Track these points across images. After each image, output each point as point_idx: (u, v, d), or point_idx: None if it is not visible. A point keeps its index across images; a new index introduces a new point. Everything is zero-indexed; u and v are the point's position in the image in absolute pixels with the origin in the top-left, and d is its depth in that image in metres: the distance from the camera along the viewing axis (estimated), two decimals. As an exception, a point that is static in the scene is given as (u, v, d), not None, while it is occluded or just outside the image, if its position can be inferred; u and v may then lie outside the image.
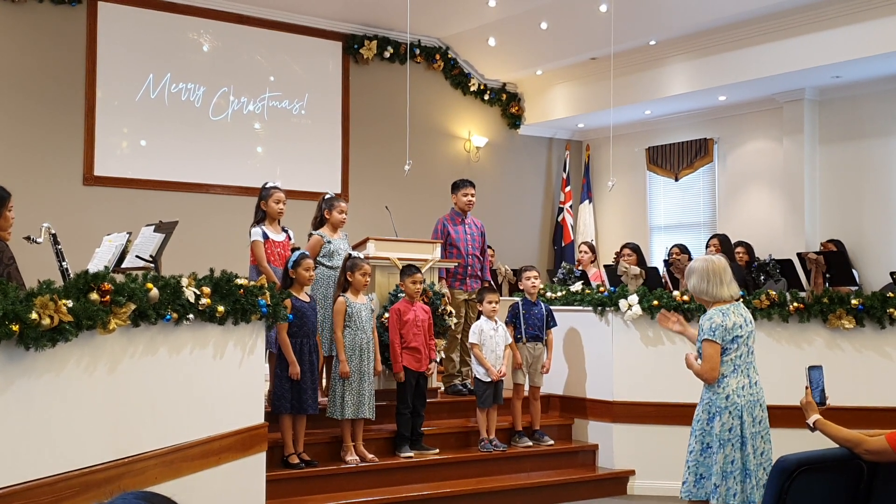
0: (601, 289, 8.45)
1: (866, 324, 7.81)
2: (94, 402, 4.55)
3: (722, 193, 13.08)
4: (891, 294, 7.82)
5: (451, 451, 7.77)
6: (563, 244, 14.37)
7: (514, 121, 14.32)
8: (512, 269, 11.49)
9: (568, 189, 14.57)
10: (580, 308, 8.44)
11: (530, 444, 8.05)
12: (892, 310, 7.69)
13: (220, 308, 5.43)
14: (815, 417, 4.38)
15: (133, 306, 4.65)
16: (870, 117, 11.44)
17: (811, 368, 4.58)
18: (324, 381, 7.71)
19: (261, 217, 7.64)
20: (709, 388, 5.30)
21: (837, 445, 4.17)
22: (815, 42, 10.56)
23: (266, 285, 6.06)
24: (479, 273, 8.92)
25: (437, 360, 8.14)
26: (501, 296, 9.16)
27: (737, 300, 5.44)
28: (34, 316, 4.00)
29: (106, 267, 5.80)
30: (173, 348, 5.17)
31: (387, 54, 12.90)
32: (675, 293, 8.05)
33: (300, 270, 6.93)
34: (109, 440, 4.66)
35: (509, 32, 12.57)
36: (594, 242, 13.86)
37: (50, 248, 6.26)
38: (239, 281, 5.67)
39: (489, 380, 7.71)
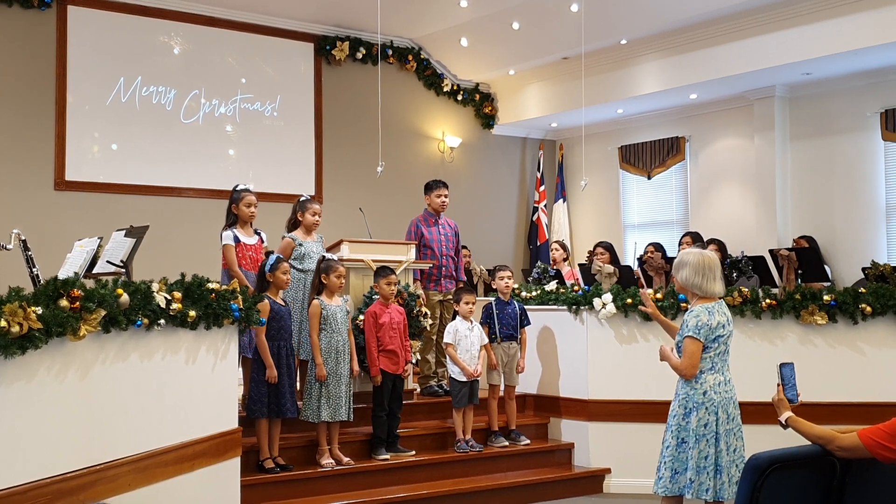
0: (575, 288, 8.46)
1: (839, 319, 7.84)
2: (65, 409, 4.51)
3: (694, 191, 13.14)
4: (863, 289, 7.86)
5: (427, 452, 7.76)
6: (538, 243, 14.39)
7: (488, 121, 14.33)
8: (487, 269, 11.50)
9: (542, 188, 14.60)
10: (555, 307, 8.46)
11: (506, 444, 8.05)
12: (864, 305, 7.72)
13: (192, 313, 5.40)
14: (787, 415, 4.39)
15: (103, 312, 4.63)
16: (840, 114, 11.53)
17: (783, 365, 4.59)
18: (297, 385, 7.67)
19: (232, 220, 7.59)
20: (686, 383, 5.32)
21: (810, 442, 4.19)
22: (784, 39, 10.63)
23: (238, 289, 6.03)
24: (453, 273, 8.91)
25: (413, 361, 8.13)
26: (477, 296, 9.16)
27: (722, 298, 5.47)
28: (3, 323, 3.97)
29: (76, 273, 5.75)
30: (145, 354, 5.14)
31: (359, 55, 12.88)
32: (649, 291, 8.07)
33: (278, 274, 6.92)
34: (81, 447, 4.63)
35: (481, 33, 12.57)
36: (568, 241, 13.90)
37: (20, 254, 6.22)
38: (211, 285, 5.63)
39: (464, 379, 7.71)
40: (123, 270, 6.10)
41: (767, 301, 7.87)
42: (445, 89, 13.89)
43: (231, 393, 6.15)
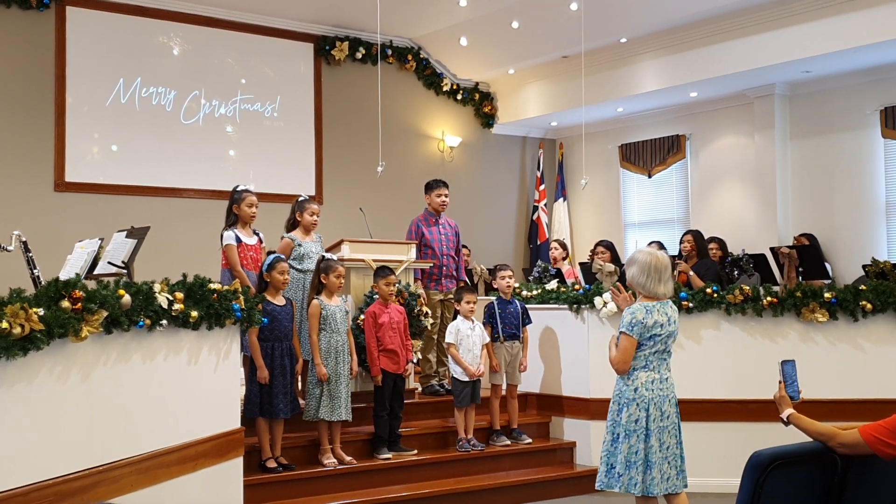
0: (576, 286, 8.46)
1: (839, 317, 7.85)
2: (67, 410, 4.52)
3: (695, 189, 13.14)
4: (863, 287, 7.87)
5: (429, 451, 7.76)
6: (538, 242, 14.39)
7: (488, 120, 14.34)
8: (487, 269, 11.50)
9: (542, 187, 14.60)
10: (556, 306, 8.46)
11: (508, 442, 8.05)
12: (864, 302, 7.74)
13: (194, 313, 5.41)
14: (788, 412, 4.39)
15: (105, 313, 4.63)
16: (840, 111, 11.53)
17: (784, 363, 4.60)
18: (299, 385, 7.67)
19: (233, 221, 7.58)
20: (620, 380, 5.48)
21: (811, 439, 4.19)
22: (784, 37, 10.63)
23: (240, 289, 6.03)
24: (454, 273, 8.91)
25: (414, 360, 8.13)
26: (478, 295, 9.16)
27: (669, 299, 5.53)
28: (5, 325, 3.97)
29: (77, 274, 5.75)
30: (147, 355, 5.14)
31: (359, 55, 12.88)
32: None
33: (274, 274, 6.90)
34: (83, 448, 4.64)
35: (481, 32, 12.57)
36: (568, 240, 13.90)
37: (21, 255, 6.22)
38: (212, 286, 5.64)
39: (466, 379, 7.71)
40: (125, 271, 6.10)
41: (768, 299, 7.89)
42: (445, 89, 13.90)
43: (233, 393, 6.16)
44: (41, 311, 4.20)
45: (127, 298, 4.82)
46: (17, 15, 10.59)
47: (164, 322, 5.16)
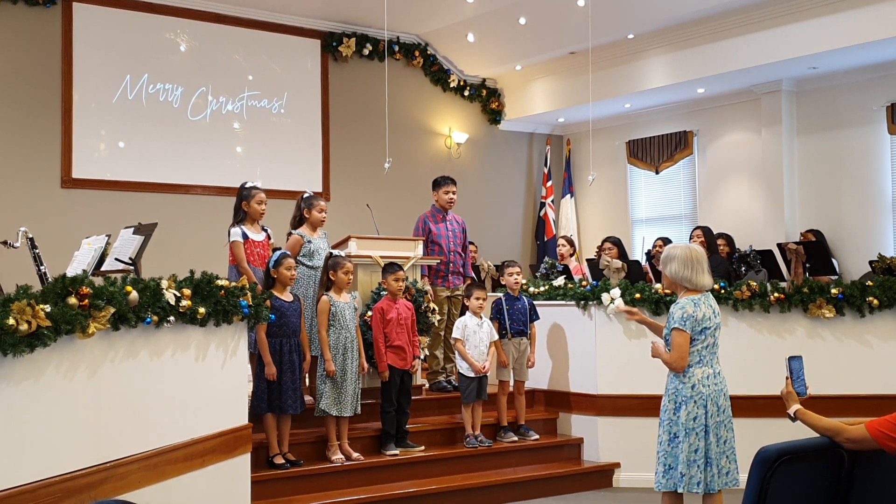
0: (584, 283, 8.46)
1: (846, 312, 7.85)
2: (74, 407, 4.52)
3: (702, 185, 13.13)
4: (870, 283, 7.87)
5: (436, 447, 7.76)
6: (545, 239, 14.39)
7: (495, 116, 14.33)
8: (494, 265, 11.50)
9: (549, 184, 14.59)
10: (563, 303, 8.46)
11: (515, 439, 8.05)
12: (871, 298, 7.73)
13: (201, 310, 5.40)
14: (795, 407, 4.39)
15: (112, 310, 4.63)
16: (846, 107, 11.51)
17: (791, 359, 4.59)
18: (307, 381, 7.68)
19: (241, 217, 7.58)
20: (675, 377, 5.37)
21: (818, 434, 4.19)
22: (791, 33, 10.62)
23: (247, 286, 6.04)
24: (461, 269, 8.92)
25: (421, 357, 8.13)
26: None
27: (709, 291, 5.50)
28: (11, 321, 3.97)
29: (84, 271, 5.77)
30: (154, 351, 5.14)
31: (366, 52, 12.88)
32: (657, 286, 8.06)
33: (282, 270, 6.90)
34: (91, 445, 4.64)
35: (488, 28, 12.56)
36: (576, 236, 13.89)
37: (27, 252, 6.23)
38: (220, 282, 5.64)
39: (472, 375, 7.71)
40: (132, 268, 6.11)
41: (776, 295, 7.88)
42: (452, 85, 13.89)
43: (240, 389, 6.16)
44: (48, 308, 4.20)
45: (134, 295, 4.82)
46: (23, 11, 10.61)
47: (172, 319, 5.16)
